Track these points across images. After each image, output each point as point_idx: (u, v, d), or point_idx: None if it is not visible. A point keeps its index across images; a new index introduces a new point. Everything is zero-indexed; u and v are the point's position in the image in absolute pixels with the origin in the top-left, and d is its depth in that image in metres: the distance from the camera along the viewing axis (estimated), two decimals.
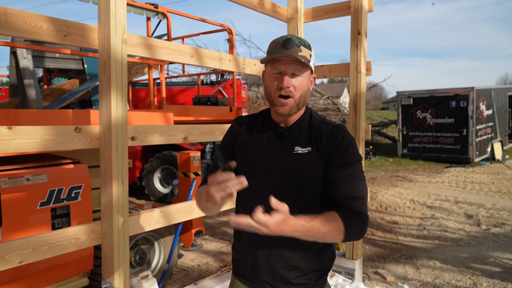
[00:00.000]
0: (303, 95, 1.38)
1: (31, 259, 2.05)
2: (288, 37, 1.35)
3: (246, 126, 1.52)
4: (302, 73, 1.36)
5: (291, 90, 1.35)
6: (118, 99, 2.26)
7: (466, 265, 4.25)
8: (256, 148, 1.46)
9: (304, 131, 1.43)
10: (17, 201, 2.50)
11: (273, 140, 1.44)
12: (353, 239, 1.31)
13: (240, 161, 1.47)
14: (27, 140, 2.00)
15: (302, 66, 1.35)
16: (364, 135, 3.57)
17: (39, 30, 2.03)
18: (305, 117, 1.46)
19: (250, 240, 1.44)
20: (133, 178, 7.77)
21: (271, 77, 1.38)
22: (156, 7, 4.43)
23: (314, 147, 1.39)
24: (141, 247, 3.49)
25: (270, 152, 1.43)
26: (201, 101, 6.10)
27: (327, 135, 1.39)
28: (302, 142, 1.40)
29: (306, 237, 1.21)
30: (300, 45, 1.34)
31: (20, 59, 3.96)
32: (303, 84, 1.37)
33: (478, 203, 6.82)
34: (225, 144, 1.55)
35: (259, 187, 1.38)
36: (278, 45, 1.34)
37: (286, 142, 1.42)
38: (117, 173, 2.28)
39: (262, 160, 1.42)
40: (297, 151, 1.39)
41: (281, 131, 1.43)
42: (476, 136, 11.97)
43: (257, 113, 1.56)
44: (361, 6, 3.41)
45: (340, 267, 3.64)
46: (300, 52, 1.32)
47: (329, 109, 16.56)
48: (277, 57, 1.34)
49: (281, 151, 1.41)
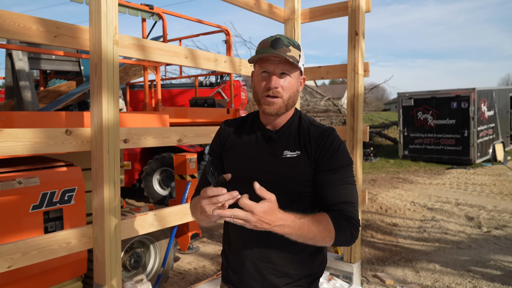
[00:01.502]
0: (292, 95, 1.35)
1: (20, 264, 2.02)
2: (277, 37, 1.32)
3: (234, 130, 1.49)
4: (290, 73, 1.33)
5: (279, 91, 1.31)
6: (109, 101, 2.23)
7: (467, 268, 4.20)
8: (245, 152, 1.42)
9: (293, 134, 1.39)
10: (8, 205, 2.46)
11: (261, 144, 1.41)
12: (344, 244, 1.27)
13: (228, 165, 1.44)
14: (15, 143, 1.97)
15: (290, 67, 1.32)
16: (362, 137, 3.53)
17: (28, 31, 2.00)
18: (294, 120, 1.42)
19: (239, 245, 1.41)
20: (132, 180, 7.75)
21: (259, 77, 1.35)
22: (151, 8, 4.41)
23: (303, 151, 1.35)
24: (136, 251, 3.45)
25: (259, 156, 1.39)
26: (198, 103, 6.07)
27: (316, 139, 1.35)
28: (291, 146, 1.37)
29: (296, 235, 1.17)
30: (289, 45, 1.30)
31: (15, 61, 3.94)
32: (291, 84, 1.34)
33: (479, 205, 6.77)
34: (213, 150, 1.52)
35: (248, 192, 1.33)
36: (267, 45, 1.31)
37: (275, 145, 1.39)
38: (108, 176, 2.24)
39: (251, 165, 1.39)
40: (286, 155, 1.35)
41: (270, 134, 1.40)
42: (478, 137, 11.90)
43: (245, 116, 1.52)
44: (359, 6, 3.38)
45: (338, 271, 3.59)
46: (289, 52, 1.29)
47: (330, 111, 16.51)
48: (265, 56, 1.31)
49: (270, 155, 1.38)
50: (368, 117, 20.20)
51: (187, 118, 4.66)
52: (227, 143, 1.47)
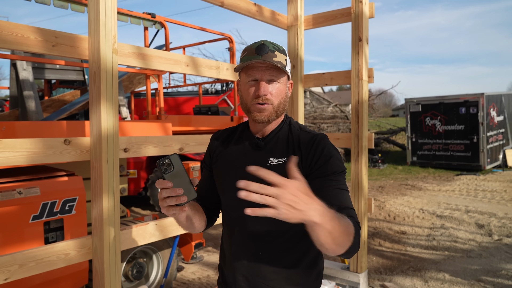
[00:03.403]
0: (282, 101, 1.30)
1: (17, 276, 1.99)
2: (262, 43, 1.27)
3: (223, 141, 1.45)
4: (278, 79, 1.28)
5: (268, 98, 1.27)
6: (108, 110, 2.21)
7: (477, 277, 4.08)
8: (232, 161, 1.38)
9: (281, 141, 1.33)
10: (8, 215, 2.45)
11: (248, 152, 1.36)
12: (351, 251, 1.11)
13: (217, 176, 1.41)
14: (13, 154, 1.95)
15: (278, 72, 1.27)
16: (367, 144, 3.48)
17: (26, 41, 1.99)
18: (283, 126, 1.36)
19: (231, 260, 1.36)
20: (138, 188, 7.73)
21: (246, 85, 1.30)
22: (153, 17, 4.42)
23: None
24: (139, 261, 3.41)
25: (245, 165, 1.32)
26: (201, 110, 6.06)
27: (306, 144, 1.29)
28: (277, 152, 1.31)
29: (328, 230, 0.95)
30: (274, 50, 1.26)
31: (20, 71, 3.96)
32: (280, 90, 1.30)
33: (490, 212, 6.62)
34: (205, 161, 1.49)
35: (235, 203, 1.27)
36: (252, 52, 1.26)
37: (262, 153, 1.34)
38: (107, 186, 2.22)
39: (238, 174, 1.33)
40: (271, 162, 1.30)
41: (257, 142, 1.35)
42: (487, 142, 11.74)
43: (235, 126, 1.49)
44: (362, 12, 3.34)
45: (344, 281, 3.51)
46: (275, 58, 1.25)
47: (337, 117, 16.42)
48: (251, 64, 1.26)
49: (256, 163, 1.28)
50: (376, 123, 20.07)
51: (191, 126, 4.64)
52: (215, 155, 1.44)
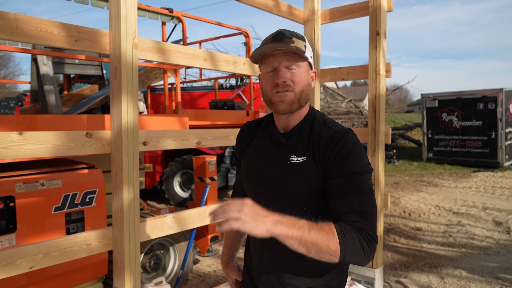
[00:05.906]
0: (304, 89, 1.24)
1: (41, 265, 2.04)
2: (278, 31, 1.25)
3: (249, 133, 1.44)
4: (298, 65, 1.22)
5: (288, 84, 1.20)
6: (129, 104, 2.25)
7: (495, 275, 4.04)
8: (256, 157, 1.36)
9: (303, 137, 1.27)
10: (31, 206, 2.51)
11: (270, 148, 1.33)
12: (354, 261, 1.08)
13: (243, 170, 1.42)
14: (38, 146, 2.00)
15: (297, 58, 1.22)
16: (384, 138, 3.45)
17: (50, 36, 2.03)
18: (307, 120, 1.29)
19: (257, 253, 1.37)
20: (153, 182, 7.84)
21: (265, 76, 1.25)
22: (171, 12, 4.45)
23: (310, 155, 1.22)
24: (156, 253, 3.47)
25: (267, 161, 1.31)
26: (217, 105, 6.09)
27: (325, 142, 1.21)
28: (298, 150, 1.25)
29: (296, 239, 1.03)
30: (292, 36, 1.22)
31: (40, 66, 4.04)
32: (301, 76, 1.23)
33: (508, 210, 6.52)
34: (235, 155, 1.51)
35: (258, 199, 1.20)
36: (269, 41, 1.23)
37: (283, 150, 1.28)
38: (128, 179, 2.26)
39: (260, 171, 1.32)
40: (292, 160, 1.24)
41: (279, 137, 1.30)
42: (506, 139, 11.51)
43: (262, 117, 1.46)
44: (380, 5, 3.31)
45: (360, 276, 3.51)
46: (292, 44, 1.20)
47: (351, 113, 16.31)
48: (269, 52, 1.23)
49: (277, 160, 1.28)
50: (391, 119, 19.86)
51: (207, 120, 4.68)
52: (243, 147, 1.44)
